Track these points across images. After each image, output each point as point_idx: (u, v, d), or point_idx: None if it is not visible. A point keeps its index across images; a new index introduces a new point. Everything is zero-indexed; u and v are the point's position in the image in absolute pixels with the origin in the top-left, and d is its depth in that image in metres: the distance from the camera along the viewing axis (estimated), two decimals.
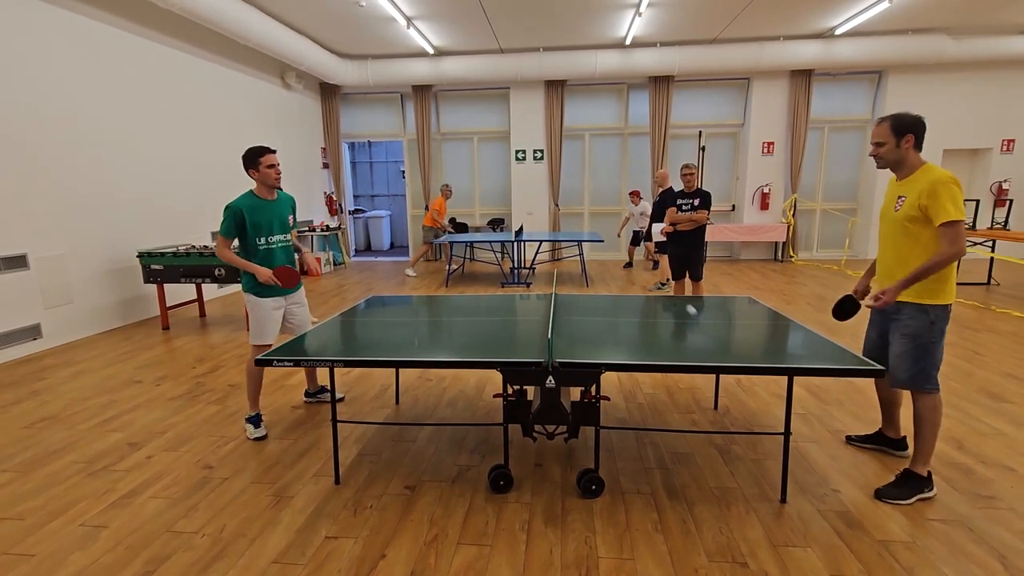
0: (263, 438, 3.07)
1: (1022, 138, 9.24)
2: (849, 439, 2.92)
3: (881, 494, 2.39)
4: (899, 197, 2.37)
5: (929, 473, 2.40)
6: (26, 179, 4.75)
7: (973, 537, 2.10)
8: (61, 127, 5.05)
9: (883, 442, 2.81)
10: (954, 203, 2.18)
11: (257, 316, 3.10)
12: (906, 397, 3.43)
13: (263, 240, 3.07)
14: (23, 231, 4.74)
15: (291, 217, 3.21)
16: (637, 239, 9.25)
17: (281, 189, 3.17)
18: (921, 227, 2.29)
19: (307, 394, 3.63)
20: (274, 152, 3.05)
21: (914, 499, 2.35)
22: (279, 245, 3.13)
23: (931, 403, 2.37)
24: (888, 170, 2.46)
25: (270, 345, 3.13)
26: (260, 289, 3.07)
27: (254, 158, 3.00)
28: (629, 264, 9.44)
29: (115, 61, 5.61)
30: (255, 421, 3.10)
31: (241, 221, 2.99)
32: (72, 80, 5.15)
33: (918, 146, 2.33)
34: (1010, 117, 9.18)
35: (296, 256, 3.34)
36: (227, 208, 2.98)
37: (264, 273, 3.00)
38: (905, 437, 2.77)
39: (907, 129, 2.31)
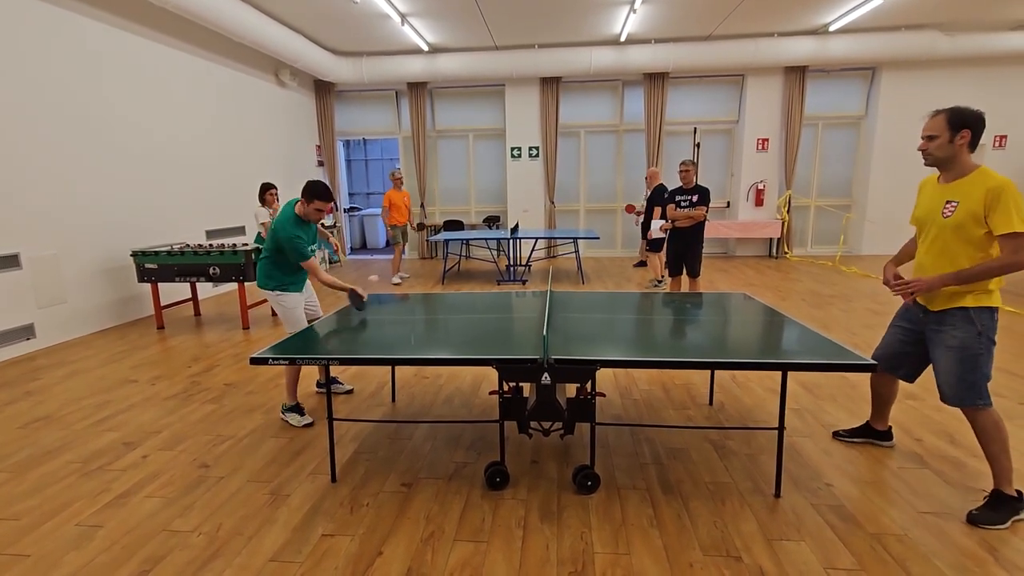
0: (311, 424, 3.17)
1: (1014, 134, 9.31)
2: (836, 435, 2.90)
3: (977, 519, 2.15)
4: (948, 202, 2.16)
5: (1019, 492, 2.19)
6: (17, 178, 4.71)
7: (964, 529, 2.13)
8: (53, 125, 5.01)
9: (870, 434, 2.81)
10: (1019, 213, 1.99)
11: (288, 310, 3.24)
12: (901, 393, 3.46)
13: None
14: (15, 230, 4.70)
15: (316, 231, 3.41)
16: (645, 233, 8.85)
17: None
18: (975, 231, 2.11)
19: (319, 384, 3.77)
20: (330, 201, 3.15)
21: (1011, 521, 2.15)
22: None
23: (990, 420, 2.18)
24: (933, 168, 2.25)
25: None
26: (287, 287, 3.21)
27: (312, 197, 3.09)
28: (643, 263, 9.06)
29: (108, 59, 5.57)
30: (298, 410, 3.21)
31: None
32: (64, 78, 5.11)
33: (972, 145, 2.12)
34: (1002, 113, 9.23)
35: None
36: (290, 238, 3.04)
37: (359, 290, 3.28)
38: (891, 428, 2.80)
39: (965, 123, 2.09)
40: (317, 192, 3.08)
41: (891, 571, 1.90)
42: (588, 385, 2.35)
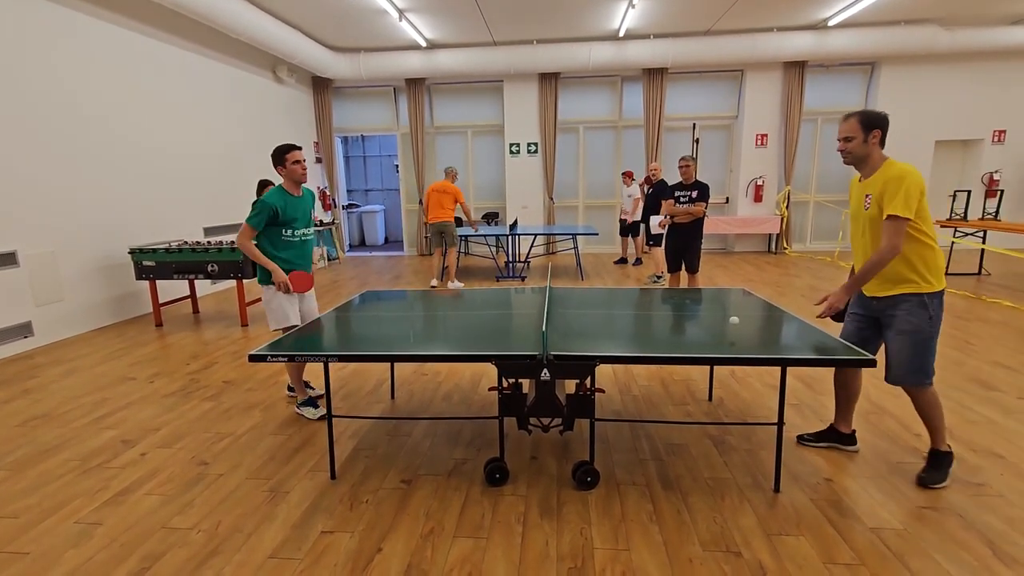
0: (324, 417, 3.07)
1: (1013, 129, 9.30)
2: (800, 439, 2.80)
3: (925, 481, 2.39)
4: (867, 196, 2.36)
5: (949, 446, 2.47)
6: (14, 175, 4.69)
7: (963, 524, 2.13)
8: (49, 122, 4.98)
9: (834, 438, 2.74)
10: (905, 199, 2.18)
11: (276, 303, 3.16)
12: (900, 389, 3.46)
13: (292, 234, 3.19)
14: (12, 228, 4.68)
15: (311, 211, 3.35)
16: (625, 229, 8.84)
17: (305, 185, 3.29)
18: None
19: (290, 389, 3.63)
20: (300, 148, 3.15)
21: (950, 477, 2.43)
22: (304, 238, 3.26)
23: (932, 397, 2.38)
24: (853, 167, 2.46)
25: (295, 326, 3.14)
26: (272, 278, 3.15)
27: (280, 155, 3.10)
28: (623, 260, 9.06)
29: (104, 56, 5.54)
30: (312, 403, 3.22)
31: (274, 217, 3.07)
32: (60, 75, 5.08)
33: (882, 143, 2.34)
34: (1001, 108, 9.23)
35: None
36: (261, 202, 3.04)
37: (280, 275, 3.11)
38: (855, 432, 2.73)
39: (875, 124, 2.31)
40: (280, 150, 3.09)
41: (890, 566, 1.91)
42: (587, 381, 2.35)
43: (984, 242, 7.12)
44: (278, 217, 3.08)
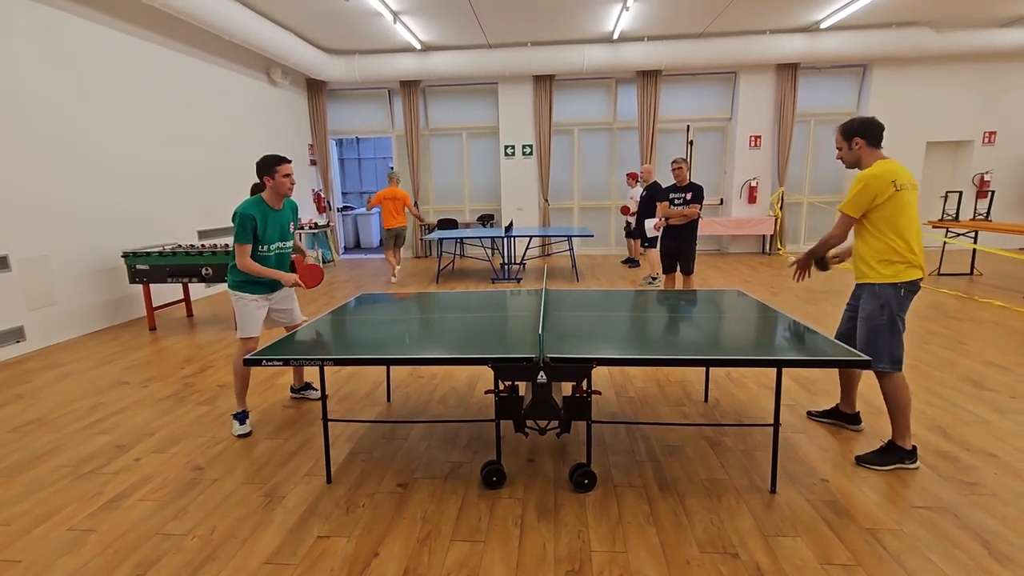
0: (247, 435, 3.08)
1: (1003, 130, 9.38)
2: (810, 414, 3.12)
3: (861, 460, 2.58)
4: None
5: (914, 447, 2.56)
6: (6, 178, 4.65)
7: (958, 523, 2.14)
8: (42, 125, 4.94)
9: (838, 417, 3.00)
10: (852, 199, 2.51)
11: (241, 311, 3.09)
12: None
13: (267, 249, 3.06)
14: (4, 232, 4.64)
15: (291, 224, 3.20)
16: (630, 230, 8.85)
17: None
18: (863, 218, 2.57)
19: (293, 390, 3.65)
20: (290, 162, 3.01)
21: (893, 467, 2.54)
22: (275, 253, 3.12)
23: (890, 385, 2.51)
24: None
25: (257, 339, 3.14)
26: (244, 286, 3.07)
27: (271, 166, 2.95)
28: (631, 260, 9.03)
29: (97, 59, 5.51)
30: (241, 418, 3.12)
31: (254, 227, 2.93)
32: (53, 78, 5.04)
33: (874, 145, 2.56)
34: (992, 109, 9.31)
35: (292, 259, 3.36)
36: (240, 215, 2.88)
37: (289, 279, 3.05)
38: (858, 412, 2.95)
39: (854, 132, 2.57)
40: (270, 161, 2.92)
41: (887, 566, 1.91)
42: (584, 383, 2.35)
43: (976, 242, 7.18)
44: (255, 231, 2.94)
